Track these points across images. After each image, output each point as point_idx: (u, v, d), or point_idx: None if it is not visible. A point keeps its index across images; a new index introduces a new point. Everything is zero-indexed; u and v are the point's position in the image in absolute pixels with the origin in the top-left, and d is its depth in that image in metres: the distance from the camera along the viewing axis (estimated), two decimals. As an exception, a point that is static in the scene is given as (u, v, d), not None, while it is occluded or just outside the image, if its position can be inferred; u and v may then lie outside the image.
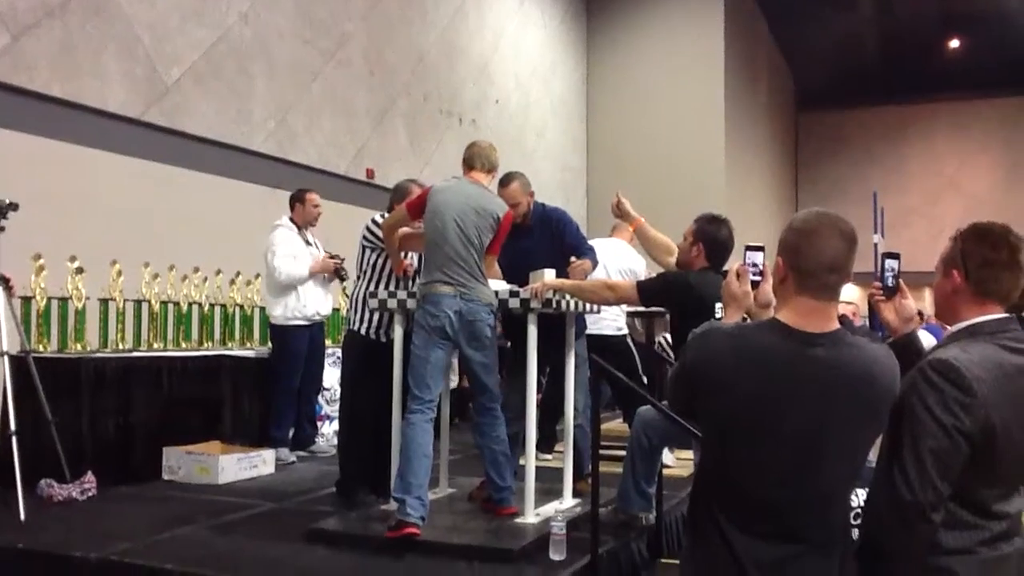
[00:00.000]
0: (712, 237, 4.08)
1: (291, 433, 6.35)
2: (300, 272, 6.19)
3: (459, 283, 4.11)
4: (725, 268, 3.85)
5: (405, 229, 4.57)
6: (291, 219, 6.39)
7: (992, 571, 2.05)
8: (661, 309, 5.37)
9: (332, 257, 6.43)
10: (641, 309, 6.12)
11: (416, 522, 3.81)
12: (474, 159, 4.39)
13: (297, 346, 6.24)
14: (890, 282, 2.42)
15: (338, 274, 6.47)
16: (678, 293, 3.96)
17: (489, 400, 4.29)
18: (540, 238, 4.78)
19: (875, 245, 10.11)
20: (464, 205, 4.20)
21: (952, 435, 1.97)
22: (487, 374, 4.25)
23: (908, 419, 2.01)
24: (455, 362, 6.22)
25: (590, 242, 5.04)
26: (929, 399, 1.99)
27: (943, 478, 1.97)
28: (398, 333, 4.51)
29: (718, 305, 3.36)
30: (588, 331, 5.18)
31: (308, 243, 6.45)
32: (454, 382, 7.17)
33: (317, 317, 6.37)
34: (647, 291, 4.04)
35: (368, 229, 4.93)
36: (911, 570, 2.02)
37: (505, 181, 4.72)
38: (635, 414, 4.27)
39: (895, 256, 2.46)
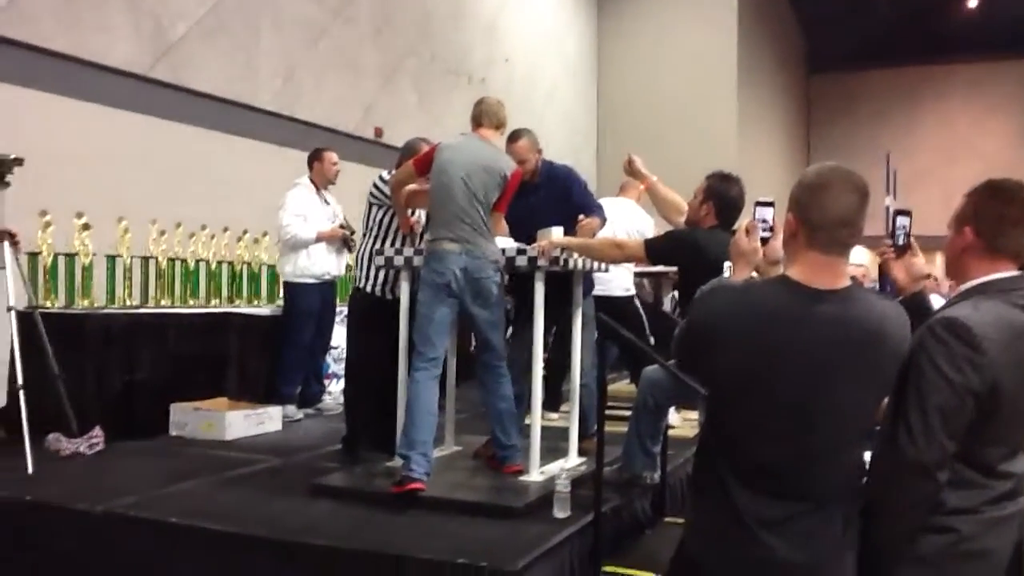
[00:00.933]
0: (722, 195, 4.03)
1: (299, 390, 6.37)
2: (306, 235, 6.16)
3: (465, 240, 4.07)
4: (734, 227, 3.81)
5: (412, 186, 4.53)
6: (310, 179, 6.36)
7: (994, 529, 2.04)
8: (668, 268, 5.33)
9: (344, 227, 6.40)
10: (648, 269, 6.09)
11: (421, 478, 3.82)
12: (482, 116, 4.33)
13: (307, 304, 6.23)
14: (901, 240, 2.39)
15: (346, 244, 6.44)
16: (686, 251, 3.92)
17: (495, 358, 4.27)
18: (547, 196, 4.72)
19: (887, 208, 10.02)
20: (472, 162, 4.15)
21: (960, 392, 1.94)
22: (493, 331, 4.23)
23: (915, 376, 1.98)
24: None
25: (598, 201, 4.99)
26: (938, 356, 1.96)
27: (950, 436, 1.95)
28: (404, 290, 4.49)
29: (727, 264, 3.33)
30: (595, 292, 5.15)
31: (327, 203, 6.42)
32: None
33: (327, 277, 6.35)
34: (655, 249, 4.01)
35: (375, 186, 4.89)
36: (914, 529, 2.00)
37: (513, 137, 4.67)
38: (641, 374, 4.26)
39: (907, 213, 2.42)
